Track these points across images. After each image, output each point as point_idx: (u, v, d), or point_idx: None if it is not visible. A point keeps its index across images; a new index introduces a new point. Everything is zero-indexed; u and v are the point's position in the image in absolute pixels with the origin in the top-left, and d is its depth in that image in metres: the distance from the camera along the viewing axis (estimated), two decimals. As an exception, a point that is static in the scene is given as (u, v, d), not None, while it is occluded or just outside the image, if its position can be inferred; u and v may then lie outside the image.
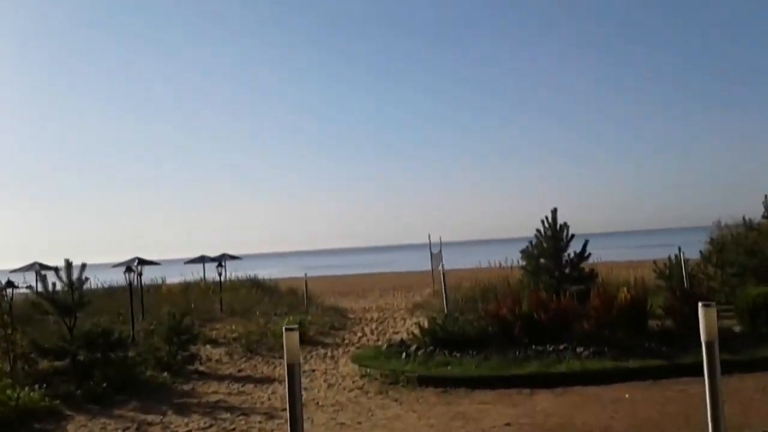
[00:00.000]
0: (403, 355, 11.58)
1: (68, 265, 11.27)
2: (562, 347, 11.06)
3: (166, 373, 11.64)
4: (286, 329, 4.71)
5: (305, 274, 22.80)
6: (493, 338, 11.64)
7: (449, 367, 10.56)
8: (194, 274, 32.38)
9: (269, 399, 9.90)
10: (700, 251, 19.39)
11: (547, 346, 11.18)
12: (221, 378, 11.87)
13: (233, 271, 31.80)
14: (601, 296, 11.80)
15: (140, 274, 16.58)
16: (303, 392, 10.58)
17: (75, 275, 11.24)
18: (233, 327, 16.68)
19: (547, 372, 10.06)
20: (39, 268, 33.88)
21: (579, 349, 10.88)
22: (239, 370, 12.60)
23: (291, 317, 16.38)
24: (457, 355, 11.13)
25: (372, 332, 17.13)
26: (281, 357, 13.84)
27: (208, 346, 14.76)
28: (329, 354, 14.06)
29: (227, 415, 8.94)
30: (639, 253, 47.04)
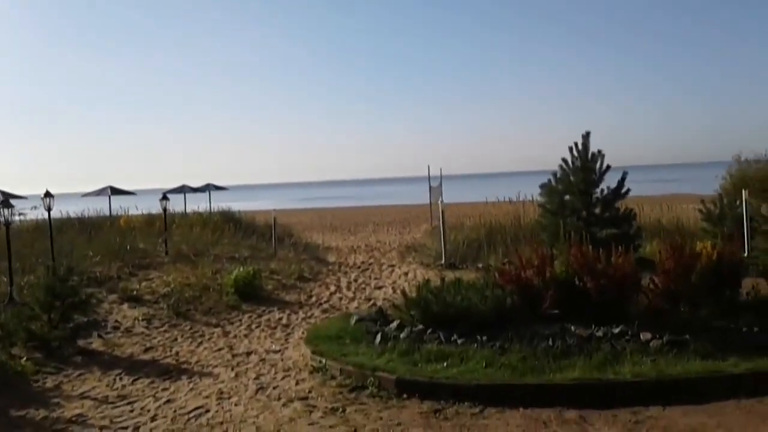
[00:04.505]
0: (379, 336, 7.82)
1: None
2: (617, 331, 7.32)
3: (25, 359, 7.90)
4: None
5: (273, 209, 18.83)
6: (513, 315, 7.85)
7: (446, 364, 6.80)
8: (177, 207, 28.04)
9: (154, 418, 6.10)
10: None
11: (594, 328, 7.43)
12: (113, 363, 8.14)
13: (218, 203, 28.03)
14: (677, 253, 7.88)
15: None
16: (216, 404, 6.85)
17: None
18: (171, 277, 12.85)
19: (602, 380, 6.28)
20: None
21: (644, 336, 7.14)
22: (147, 348, 8.86)
23: (243, 267, 12.54)
24: (459, 341, 7.37)
25: (349, 286, 13.34)
26: (217, 324, 10.08)
27: (125, 306, 11.00)
28: (284, 320, 10.34)
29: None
30: (661, 188, 43.00)
